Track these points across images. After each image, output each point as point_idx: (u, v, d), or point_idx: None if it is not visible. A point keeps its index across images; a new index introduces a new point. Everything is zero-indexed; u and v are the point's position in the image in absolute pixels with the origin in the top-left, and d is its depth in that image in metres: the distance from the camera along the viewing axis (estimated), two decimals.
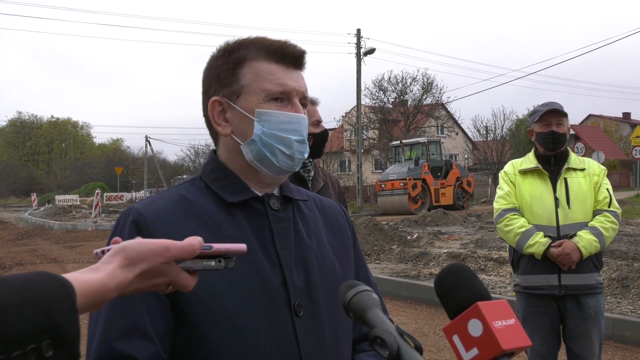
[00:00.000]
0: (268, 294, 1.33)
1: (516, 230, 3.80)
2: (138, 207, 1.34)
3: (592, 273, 3.78)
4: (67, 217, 32.17)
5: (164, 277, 0.98)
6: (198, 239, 0.99)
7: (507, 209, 3.90)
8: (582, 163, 3.92)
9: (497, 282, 9.53)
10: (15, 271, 13.38)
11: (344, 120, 52.40)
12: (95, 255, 0.99)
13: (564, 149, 3.89)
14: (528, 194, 3.87)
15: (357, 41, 36.02)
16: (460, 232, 17.27)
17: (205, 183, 1.43)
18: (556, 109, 3.82)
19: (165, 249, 0.95)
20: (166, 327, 1.25)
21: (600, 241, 3.70)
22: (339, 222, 1.61)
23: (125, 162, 72.41)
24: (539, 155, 3.94)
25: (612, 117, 68.95)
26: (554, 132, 3.82)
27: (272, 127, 1.38)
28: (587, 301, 3.75)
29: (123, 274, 0.92)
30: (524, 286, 3.87)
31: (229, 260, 1.04)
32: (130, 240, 0.97)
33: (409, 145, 34.23)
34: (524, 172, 3.93)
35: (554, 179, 3.85)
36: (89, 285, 0.86)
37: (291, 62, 1.42)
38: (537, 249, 3.72)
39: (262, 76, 1.39)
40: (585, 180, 3.83)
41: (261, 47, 1.41)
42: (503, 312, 1.03)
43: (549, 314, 3.82)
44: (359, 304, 1.05)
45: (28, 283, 0.76)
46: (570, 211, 3.77)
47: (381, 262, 12.33)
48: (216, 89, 1.43)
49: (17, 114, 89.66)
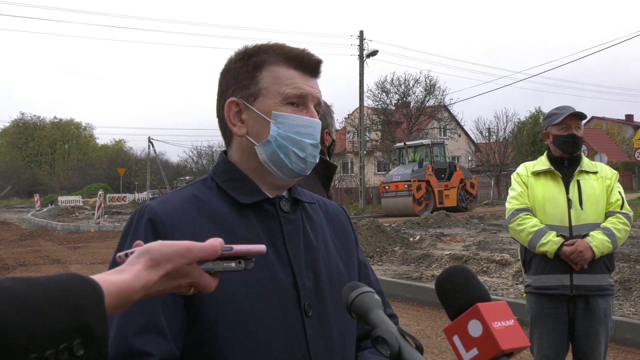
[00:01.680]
0: (280, 294, 1.35)
1: (529, 230, 3.82)
2: (153, 205, 1.36)
3: (604, 274, 3.80)
4: (69, 218, 32.21)
5: (187, 278, 1.00)
6: (219, 240, 1.00)
7: (520, 209, 3.92)
8: (594, 167, 3.94)
9: (499, 284, 9.54)
10: (19, 272, 13.41)
11: (347, 121, 52.48)
12: (118, 258, 1.01)
13: (578, 153, 3.93)
14: (541, 195, 3.89)
15: (360, 43, 36.06)
16: (463, 234, 17.28)
17: (217, 183, 1.45)
18: (578, 113, 3.84)
19: (187, 250, 0.97)
20: (180, 325, 1.27)
21: (613, 242, 3.72)
22: (342, 223, 1.64)
23: (128, 163, 72.40)
24: (553, 158, 3.96)
25: (615, 119, 68.86)
26: (574, 136, 3.84)
27: (288, 129, 1.41)
28: (598, 302, 3.77)
29: (148, 275, 0.94)
30: (536, 286, 3.87)
31: (249, 262, 1.05)
32: (154, 242, 0.98)
33: (412, 147, 34.33)
34: (537, 173, 3.95)
35: (567, 181, 3.87)
36: (116, 286, 0.88)
37: (308, 69, 1.46)
38: (549, 248, 3.74)
39: (281, 80, 1.42)
40: (597, 183, 3.86)
41: (281, 53, 1.44)
42: (502, 313, 1.05)
43: (559, 316, 3.82)
44: (362, 305, 1.07)
45: (59, 284, 0.79)
46: (582, 212, 3.79)
47: (383, 264, 12.34)
48: (234, 90, 1.45)
49: (20, 115, 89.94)
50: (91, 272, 1.00)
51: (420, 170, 30.83)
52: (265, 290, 1.34)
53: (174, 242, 0.98)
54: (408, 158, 33.61)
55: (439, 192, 30.97)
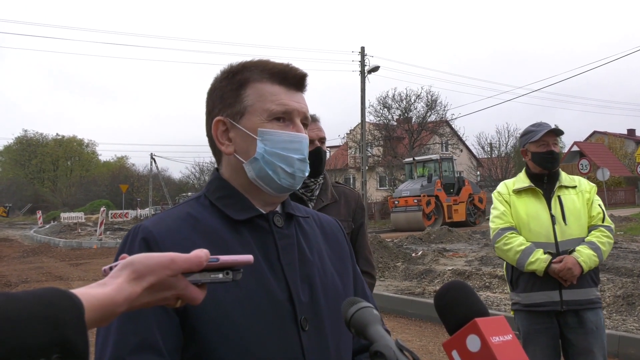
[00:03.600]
0: (275, 309, 1.35)
1: (516, 249, 3.84)
2: (147, 225, 1.36)
3: (591, 288, 3.83)
4: (72, 235, 32.20)
5: (172, 290, 0.99)
6: (204, 251, 1.00)
7: (505, 228, 3.95)
8: (573, 181, 4.00)
9: (502, 299, 9.49)
10: (21, 289, 13.36)
11: (349, 137, 52.55)
12: (103, 272, 1.00)
13: (557, 168, 3.99)
14: (524, 213, 3.92)
15: (362, 59, 36.19)
16: (465, 250, 17.23)
17: (210, 200, 1.46)
18: (555, 130, 3.91)
19: (171, 262, 0.97)
20: (176, 343, 1.27)
21: (599, 255, 3.77)
22: (336, 237, 1.65)
23: (131, 179, 72.42)
24: (532, 175, 4.01)
25: (617, 134, 68.84)
26: (553, 152, 3.91)
27: (274, 145, 1.42)
28: (588, 316, 3.79)
29: (131, 287, 0.93)
30: (525, 304, 3.88)
31: (237, 273, 1.04)
32: (138, 255, 0.98)
33: (421, 162, 34.52)
34: (518, 191, 3.99)
35: (548, 197, 3.91)
36: (97, 300, 0.88)
37: (293, 84, 1.46)
38: (538, 266, 3.76)
39: (265, 97, 1.43)
40: (577, 197, 3.92)
41: (264, 69, 1.45)
42: (501, 328, 1.06)
43: (549, 331, 3.84)
44: (361, 320, 1.08)
45: (38, 298, 0.78)
46: (567, 227, 3.84)
47: (386, 280, 12.30)
48: (220, 109, 1.46)
49: (23, 132, 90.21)
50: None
51: (429, 185, 31.04)
52: (261, 306, 1.34)
53: (157, 254, 0.98)
54: (417, 173, 33.78)
55: (448, 207, 31.13)
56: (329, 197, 3.42)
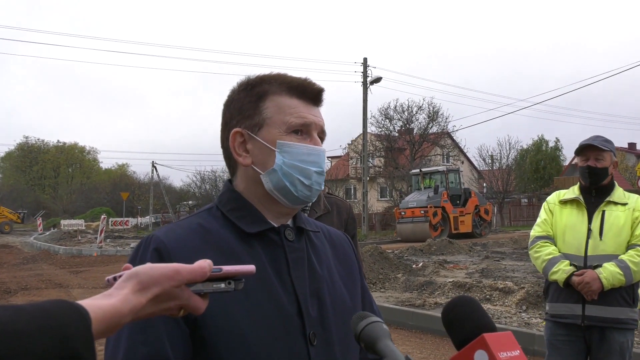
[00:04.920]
0: (284, 323, 1.36)
1: (544, 257, 3.89)
2: (159, 235, 1.36)
3: (622, 307, 3.75)
4: (72, 242, 32.17)
5: (176, 301, 0.99)
6: (208, 262, 1.01)
7: (540, 236, 4.00)
8: (626, 198, 3.91)
9: (502, 312, 9.48)
10: (21, 296, 13.36)
11: (350, 147, 52.59)
12: (107, 282, 1.00)
13: (606, 183, 3.90)
14: (563, 223, 3.94)
15: (364, 70, 36.28)
16: (466, 262, 17.21)
17: (222, 212, 1.46)
18: (593, 144, 3.84)
19: (176, 272, 0.97)
20: (186, 354, 1.27)
21: (626, 275, 3.67)
22: (345, 251, 1.65)
23: (132, 187, 72.29)
24: (582, 187, 3.99)
25: (618, 148, 68.65)
26: (590, 167, 3.84)
27: (293, 158, 1.43)
28: (614, 335, 3.74)
29: (136, 298, 0.94)
30: (551, 314, 3.95)
31: (239, 282, 1.05)
32: (142, 265, 0.98)
33: (428, 173, 34.66)
34: (564, 202, 4.00)
35: (592, 211, 3.87)
36: (103, 311, 0.88)
37: (311, 98, 1.48)
38: (559, 276, 3.79)
39: (284, 110, 1.44)
40: (624, 214, 3.82)
41: (283, 83, 1.47)
42: (508, 344, 1.06)
43: (573, 344, 3.82)
44: (370, 334, 1.08)
45: (45, 311, 0.79)
46: (601, 242, 3.78)
47: (386, 291, 12.27)
48: (238, 120, 1.47)
49: (24, 139, 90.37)
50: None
51: (435, 196, 31.14)
52: (270, 319, 1.34)
53: (162, 265, 0.98)
54: (423, 184, 33.89)
55: (454, 218, 31.29)
56: (322, 207, 3.44)
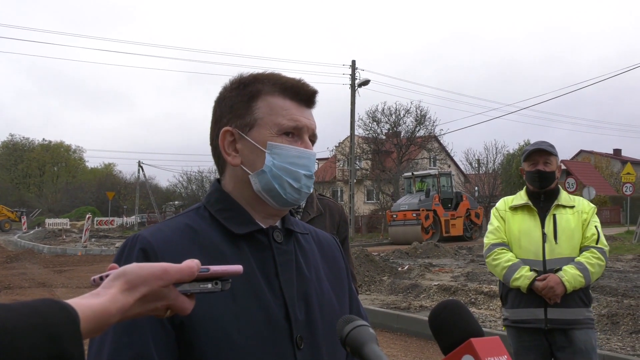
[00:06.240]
0: (272, 326, 1.34)
1: (503, 264, 3.89)
2: (145, 235, 1.33)
3: (580, 308, 3.84)
4: (56, 241, 31.96)
5: (164, 301, 0.99)
6: (196, 262, 1.00)
7: (496, 244, 4.01)
8: (572, 201, 4.01)
9: (487, 315, 9.52)
10: (4, 295, 13.24)
11: (337, 150, 52.56)
12: (92, 281, 0.99)
13: (553, 187, 3.98)
14: (517, 229, 3.97)
15: (352, 72, 36.35)
16: (451, 265, 17.25)
17: (210, 212, 1.44)
18: (541, 149, 3.92)
19: (164, 272, 0.96)
20: (171, 358, 1.26)
21: (585, 276, 3.77)
22: (334, 254, 1.63)
23: (117, 187, 71.87)
24: (530, 192, 4.04)
25: (603, 154, 69.42)
26: (540, 171, 3.91)
27: (283, 160, 1.41)
28: (577, 335, 3.80)
29: (124, 297, 0.93)
30: (512, 320, 3.94)
31: (226, 283, 1.04)
32: (130, 265, 0.97)
33: (420, 176, 34.96)
34: (515, 208, 4.03)
35: (543, 215, 3.94)
36: (91, 310, 0.87)
37: (304, 99, 1.46)
38: (522, 282, 3.80)
39: (276, 111, 1.42)
40: (574, 217, 3.92)
41: (276, 83, 1.44)
42: (495, 349, 1.05)
43: (538, 349, 3.87)
44: (356, 338, 1.07)
45: (34, 309, 0.78)
46: (557, 246, 3.86)
47: (371, 293, 12.29)
48: (228, 119, 1.45)
49: (10, 137, 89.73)
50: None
51: (427, 199, 31.47)
52: (257, 323, 1.33)
53: (150, 264, 0.97)
54: (415, 187, 34.13)
55: (446, 222, 31.60)
56: (315, 210, 3.43)
